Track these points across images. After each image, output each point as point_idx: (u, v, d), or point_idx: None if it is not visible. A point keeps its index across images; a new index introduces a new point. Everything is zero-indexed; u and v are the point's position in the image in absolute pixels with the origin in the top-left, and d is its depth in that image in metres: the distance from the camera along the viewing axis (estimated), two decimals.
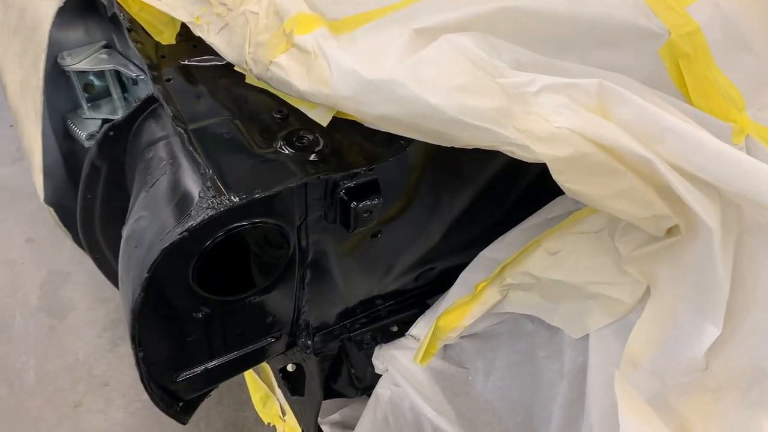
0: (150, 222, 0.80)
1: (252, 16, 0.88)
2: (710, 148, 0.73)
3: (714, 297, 0.80)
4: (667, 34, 0.94)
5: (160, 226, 0.78)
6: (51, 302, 1.87)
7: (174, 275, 0.82)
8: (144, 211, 0.82)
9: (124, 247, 0.84)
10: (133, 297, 0.80)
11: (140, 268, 0.78)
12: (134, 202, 0.87)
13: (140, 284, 0.78)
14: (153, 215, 0.81)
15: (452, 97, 0.71)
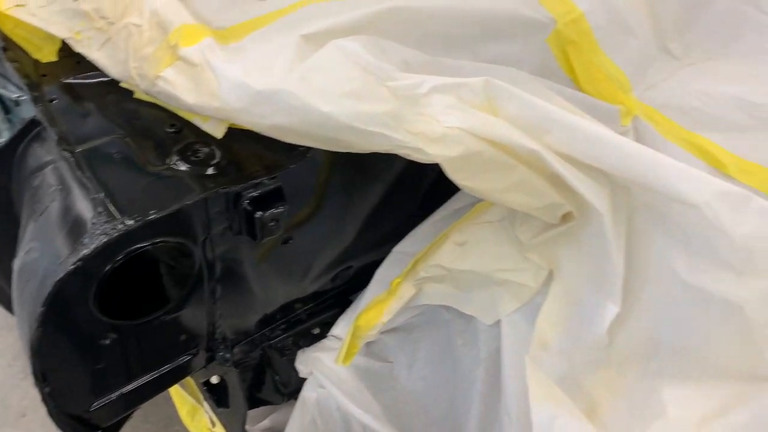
0: (41, 253, 0.77)
1: (135, 29, 0.85)
2: (595, 136, 0.76)
3: (610, 276, 0.84)
4: (553, 23, 0.97)
5: (53, 257, 0.75)
6: None
7: (73, 305, 0.79)
8: (34, 242, 0.78)
9: (17, 282, 0.80)
10: (31, 332, 0.76)
11: (34, 302, 0.75)
12: (23, 233, 0.83)
13: (36, 319, 0.74)
14: (44, 246, 0.77)
15: (343, 104, 0.71)
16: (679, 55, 1.10)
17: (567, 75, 1.00)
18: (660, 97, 1.03)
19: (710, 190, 0.77)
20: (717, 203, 0.77)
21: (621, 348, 0.87)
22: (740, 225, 0.78)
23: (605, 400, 0.83)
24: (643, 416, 0.79)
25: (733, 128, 1.00)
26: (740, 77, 1.07)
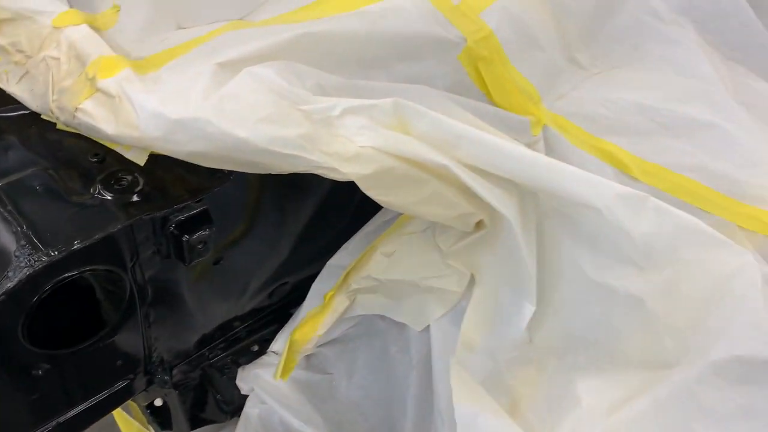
0: None
1: (53, 62, 0.86)
2: (500, 149, 0.81)
3: (525, 277, 0.89)
4: (464, 41, 1.02)
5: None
6: None
7: (2, 337, 0.80)
8: None
9: None
10: None
11: None
12: None
13: None
14: None
15: (259, 129, 0.74)
16: (586, 66, 1.17)
17: (480, 90, 1.05)
18: (569, 107, 1.09)
19: (609, 193, 0.83)
20: (616, 205, 0.83)
21: (540, 345, 0.92)
22: (639, 224, 0.84)
23: (526, 396, 0.88)
24: (560, 407, 0.84)
25: (636, 133, 1.07)
26: (642, 84, 1.14)
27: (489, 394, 0.86)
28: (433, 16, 1.01)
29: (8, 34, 0.90)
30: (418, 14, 1.00)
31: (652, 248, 0.84)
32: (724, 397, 0.76)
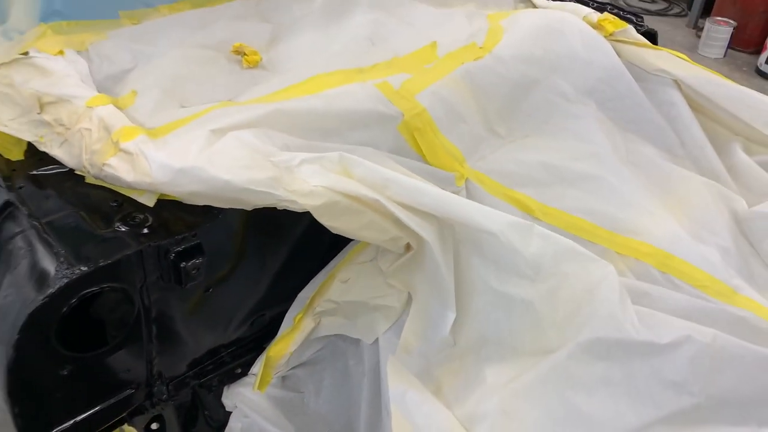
0: (15, 297, 1.02)
1: (86, 131, 1.15)
2: (419, 189, 1.10)
3: (446, 290, 1.15)
4: (402, 116, 1.33)
5: (25, 298, 1.00)
6: None
7: (39, 337, 1.03)
8: (10, 289, 1.04)
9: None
10: (7, 358, 1.01)
11: (11, 332, 0.99)
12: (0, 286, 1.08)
13: (12, 345, 0.99)
14: (17, 291, 1.03)
15: (239, 173, 1.02)
16: (503, 135, 1.48)
17: (416, 152, 1.35)
18: (487, 165, 1.39)
19: (502, 221, 1.11)
20: (508, 231, 1.10)
21: (462, 345, 1.17)
22: (528, 246, 1.11)
23: (448, 382, 1.12)
24: (473, 388, 1.08)
25: (540, 184, 1.36)
26: (547, 148, 1.45)
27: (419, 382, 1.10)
28: (377, 98, 1.32)
29: (52, 113, 1.19)
30: (365, 96, 1.31)
31: (539, 264, 1.11)
32: (589, 369, 1.01)
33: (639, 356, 1.00)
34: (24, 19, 1.34)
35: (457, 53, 1.50)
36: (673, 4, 5.82)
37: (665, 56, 1.69)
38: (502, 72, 1.51)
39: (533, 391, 1.01)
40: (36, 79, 1.23)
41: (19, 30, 1.34)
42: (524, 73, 1.55)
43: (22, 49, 1.30)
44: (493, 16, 1.71)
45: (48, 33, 1.33)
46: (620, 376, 1.00)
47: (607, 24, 1.75)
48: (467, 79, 1.45)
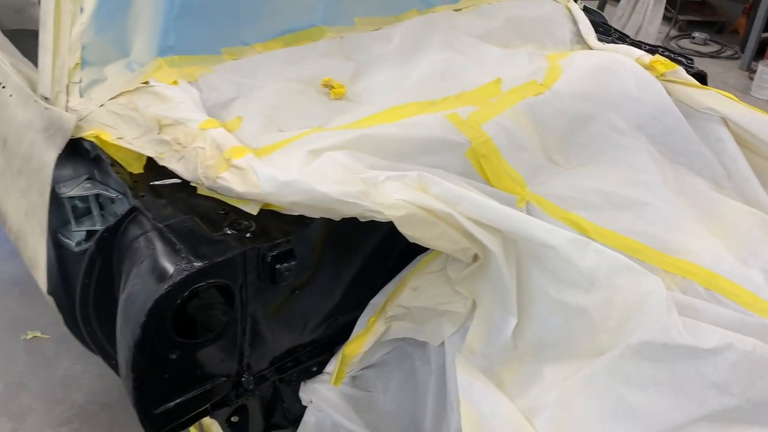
0: (143, 286, 1.21)
1: (200, 150, 1.34)
2: (487, 206, 1.25)
3: (508, 298, 1.28)
4: (469, 143, 1.48)
5: (151, 286, 1.19)
6: (10, 409, 2.11)
7: (159, 322, 1.21)
8: (136, 280, 1.23)
9: (123, 306, 1.23)
10: (133, 337, 1.19)
11: (138, 316, 1.17)
12: (126, 278, 1.27)
13: (140, 326, 1.17)
14: (144, 281, 1.21)
15: (333, 186, 1.20)
16: (561, 163, 1.62)
17: (481, 176, 1.50)
18: (546, 190, 1.53)
19: (561, 236, 1.24)
20: (567, 245, 1.24)
21: (522, 348, 1.30)
22: (584, 260, 1.24)
23: (509, 379, 1.25)
24: (532, 384, 1.21)
25: (594, 208, 1.50)
26: (602, 176, 1.59)
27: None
28: (447, 127, 1.49)
29: (170, 133, 1.39)
30: (437, 125, 1.48)
31: (594, 277, 1.24)
32: (639, 369, 1.13)
33: (684, 359, 1.12)
34: (144, 53, 1.56)
35: (519, 89, 1.66)
36: (726, 47, 5.88)
37: (713, 95, 1.81)
38: (560, 107, 1.66)
39: (588, 387, 1.14)
40: (156, 105, 1.44)
41: (139, 62, 1.55)
42: (580, 108, 1.70)
43: (143, 79, 1.52)
44: (552, 56, 1.87)
45: (164, 66, 1.55)
46: (667, 376, 1.11)
47: (659, 65, 1.89)
48: (528, 112, 1.61)
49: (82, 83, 1.52)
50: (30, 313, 2.51)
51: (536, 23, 2.05)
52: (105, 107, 1.48)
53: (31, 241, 1.45)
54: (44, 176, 1.41)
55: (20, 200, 1.47)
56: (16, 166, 1.50)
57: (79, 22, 1.53)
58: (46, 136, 1.45)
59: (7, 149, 1.54)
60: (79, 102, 1.50)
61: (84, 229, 1.47)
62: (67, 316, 1.48)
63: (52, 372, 2.27)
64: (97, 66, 1.54)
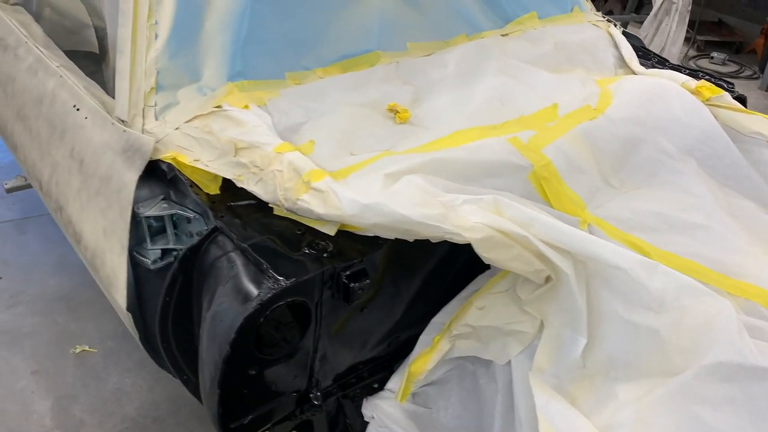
0: (230, 304, 1.25)
1: (278, 173, 1.39)
2: (560, 229, 1.29)
3: (579, 318, 1.32)
4: (531, 167, 1.53)
5: (239, 305, 1.23)
6: (63, 421, 2.15)
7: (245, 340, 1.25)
8: (223, 298, 1.27)
9: (210, 324, 1.28)
10: (221, 354, 1.23)
11: (227, 332, 1.22)
12: (210, 297, 1.32)
13: (229, 343, 1.21)
14: (231, 299, 1.26)
15: (414, 209, 1.24)
16: (617, 186, 1.67)
17: (543, 199, 1.55)
18: (605, 212, 1.58)
19: (632, 259, 1.29)
20: (637, 268, 1.29)
21: (590, 367, 1.34)
22: (653, 282, 1.29)
23: (581, 398, 1.29)
24: (605, 402, 1.25)
25: (652, 231, 1.54)
26: (657, 199, 1.63)
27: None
28: (510, 150, 1.54)
29: (246, 156, 1.44)
30: (500, 149, 1.53)
31: (663, 298, 1.28)
32: (714, 389, 1.17)
33: (759, 379, 1.15)
34: (214, 78, 1.62)
35: (574, 113, 1.71)
36: (745, 67, 5.94)
37: (760, 120, 1.86)
38: (613, 131, 1.71)
39: (664, 405, 1.17)
40: (231, 128, 1.49)
41: (210, 87, 1.61)
42: (632, 133, 1.75)
43: (216, 103, 1.57)
44: (601, 81, 1.93)
45: (234, 90, 1.60)
46: (742, 396, 1.15)
47: (704, 90, 1.94)
48: (584, 136, 1.66)
49: (157, 107, 1.58)
50: (77, 327, 2.56)
51: (582, 48, 2.10)
52: (180, 130, 1.53)
53: (109, 259, 1.50)
54: (125, 196, 1.46)
55: (98, 219, 1.52)
56: (94, 186, 1.56)
57: (154, 48, 1.60)
58: (125, 157, 1.51)
59: (84, 169, 1.60)
60: (155, 125, 1.56)
61: (159, 248, 1.52)
62: (142, 333, 1.53)
63: (102, 385, 2.31)
64: (170, 90, 1.60)
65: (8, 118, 1.97)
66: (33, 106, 1.83)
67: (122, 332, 2.54)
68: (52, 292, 2.73)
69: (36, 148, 1.80)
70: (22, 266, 2.87)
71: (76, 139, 1.65)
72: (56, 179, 1.70)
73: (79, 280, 2.80)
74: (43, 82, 1.83)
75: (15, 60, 1.98)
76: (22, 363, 2.37)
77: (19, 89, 1.91)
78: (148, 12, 1.60)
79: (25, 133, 1.86)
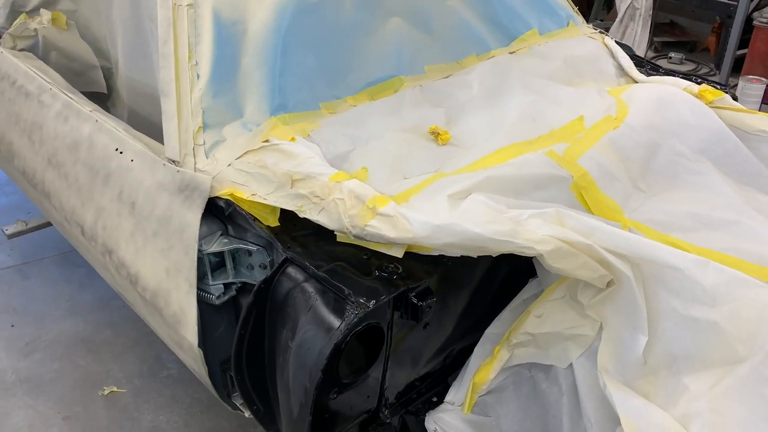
0: (315, 332, 1.29)
1: (339, 201, 1.44)
2: (620, 235, 1.37)
3: (639, 317, 1.40)
4: (571, 178, 1.62)
5: (326, 331, 1.27)
6: None
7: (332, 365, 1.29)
8: (308, 326, 1.31)
9: (296, 353, 1.31)
10: (313, 381, 1.27)
11: (319, 360, 1.26)
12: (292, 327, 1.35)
13: (320, 369, 1.25)
14: (317, 327, 1.30)
15: (486, 227, 1.31)
16: (645, 190, 1.77)
17: (583, 207, 1.63)
18: (640, 215, 1.67)
19: (687, 258, 1.38)
20: (691, 266, 1.37)
21: (653, 364, 1.42)
22: (705, 278, 1.37)
23: (651, 393, 1.36)
24: (678, 395, 1.32)
25: (688, 230, 1.63)
26: (686, 200, 1.73)
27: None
28: (550, 163, 1.63)
29: (305, 187, 1.48)
30: (542, 162, 1.62)
31: (716, 292, 1.37)
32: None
33: None
34: (257, 114, 1.66)
35: (600, 124, 1.80)
36: (701, 65, 6.21)
37: (763, 118, 1.99)
38: (635, 138, 1.82)
39: (736, 392, 1.26)
40: (285, 161, 1.54)
41: (255, 122, 1.65)
42: (651, 138, 1.85)
43: (263, 138, 1.62)
44: (612, 91, 2.03)
45: (279, 124, 1.65)
46: None
47: (707, 94, 2.07)
48: (612, 144, 1.76)
49: (206, 145, 1.61)
50: (101, 368, 2.54)
51: (587, 61, 2.21)
52: (233, 166, 1.57)
53: (175, 298, 1.52)
54: (189, 235, 1.48)
55: (159, 260, 1.54)
56: (151, 227, 1.57)
57: (197, 88, 1.63)
58: (183, 197, 1.53)
59: (137, 212, 1.61)
60: (206, 163, 1.59)
61: (220, 283, 1.55)
62: (211, 368, 1.55)
63: (137, 425, 2.30)
64: (216, 128, 1.63)
65: (37, 166, 1.97)
66: (68, 152, 1.83)
67: (147, 370, 2.54)
68: (69, 335, 2.70)
69: (75, 195, 1.80)
70: (32, 312, 2.83)
71: (124, 182, 1.66)
72: (103, 223, 1.71)
73: (93, 321, 2.78)
74: (77, 128, 1.83)
75: (40, 107, 1.98)
76: (52, 410, 2.35)
77: (49, 136, 1.92)
78: (188, 53, 1.63)
79: (60, 181, 1.86)
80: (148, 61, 2.00)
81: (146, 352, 2.60)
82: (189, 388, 2.43)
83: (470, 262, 1.44)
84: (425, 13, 2.04)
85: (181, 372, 2.50)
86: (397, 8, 1.98)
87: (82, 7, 2.42)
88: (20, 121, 2.04)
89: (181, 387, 2.44)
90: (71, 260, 3.12)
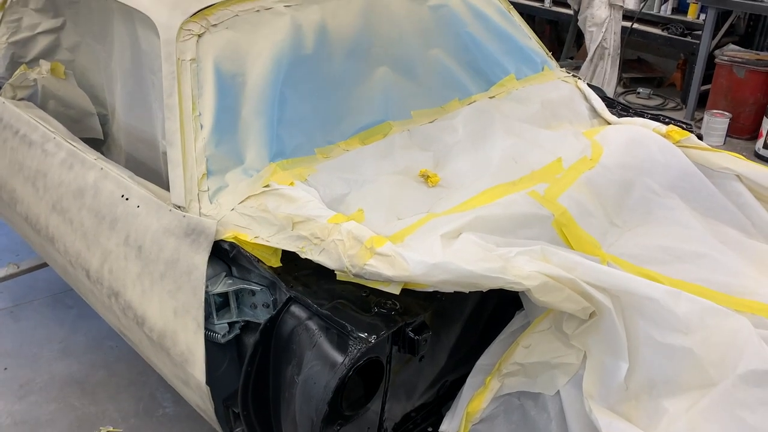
0: (321, 367, 1.38)
1: (339, 242, 1.54)
2: (599, 269, 1.49)
3: (620, 346, 1.51)
4: (552, 216, 1.74)
5: (331, 366, 1.36)
6: None
7: (337, 398, 1.37)
8: (314, 362, 1.39)
9: (303, 387, 1.39)
10: (319, 414, 1.35)
11: (325, 393, 1.34)
12: (297, 362, 1.43)
13: (327, 402, 1.33)
14: (322, 362, 1.38)
15: (478, 264, 1.42)
16: (620, 225, 1.89)
17: (564, 243, 1.75)
18: (617, 250, 1.79)
19: (660, 289, 1.49)
20: (666, 297, 1.49)
21: (634, 389, 1.52)
22: (679, 307, 1.49)
23: (633, 416, 1.47)
24: (658, 417, 1.43)
25: (661, 263, 1.76)
26: (659, 234, 1.86)
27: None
28: (533, 203, 1.75)
29: (306, 229, 1.58)
30: (524, 202, 1.74)
31: (689, 320, 1.49)
32: (749, 393, 1.37)
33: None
34: (257, 160, 1.76)
35: (576, 165, 1.94)
36: (668, 99, 6.48)
37: (726, 156, 2.14)
38: (610, 177, 1.95)
39: (711, 413, 1.37)
40: (285, 205, 1.63)
41: (255, 168, 1.75)
42: (624, 177, 1.99)
43: (264, 183, 1.71)
44: (587, 133, 2.18)
45: (278, 170, 1.75)
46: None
47: (675, 134, 2.22)
48: (588, 184, 1.89)
49: (210, 191, 1.70)
50: (96, 409, 2.57)
51: (562, 104, 2.36)
52: (236, 211, 1.66)
53: (183, 338, 1.59)
54: (196, 277, 1.57)
55: (167, 301, 1.62)
56: (158, 270, 1.65)
57: (201, 138, 1.73)
58: (189, 240, 1.62)
59: (144, 255, 1.69)
60: (210, 208, 1.68)
61: (225, 322, 1.63)
62: (218, 405, 1.62)
63: None
64: (219, 174, 1.73)
65: (41, 212, 2.04)
66: (73, 198, 1.91)
67: (143, 409, 2.58)
68: (63, 377, 2.73)
69: (80, 239, 1.88)
70: (25, 354, 2.85)
71: (131, 227, 1.75)
72: (109, 267, 1.78)
73: (87, 361, 2.81)
74: (82, 176, 1.92)
75: (44, 155, 2.06)
76: None
77: (53, 183, 1.99)
78: (192, 105, 1.74)
79: (65, 226, 1.94)
80: (147, 109, 2.10)
81: (141, 391, 2.64)
82: (185, 425, 2.47)
83: (461, 297, 1.55)
84: (410, 61, 2.17)
85: (177, 410, 2.54)
86: (384, 58, 2.12)
87: (79, 57, 2.52)
88: (24, 168, 2.12)
89: (177, 425, 2.48)
90: (62, 301, 3.16)
